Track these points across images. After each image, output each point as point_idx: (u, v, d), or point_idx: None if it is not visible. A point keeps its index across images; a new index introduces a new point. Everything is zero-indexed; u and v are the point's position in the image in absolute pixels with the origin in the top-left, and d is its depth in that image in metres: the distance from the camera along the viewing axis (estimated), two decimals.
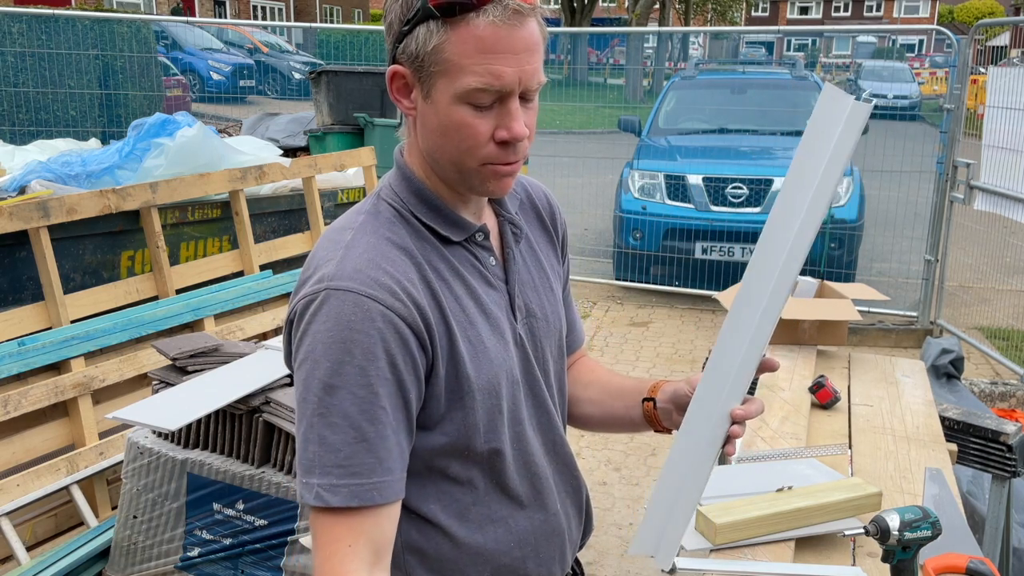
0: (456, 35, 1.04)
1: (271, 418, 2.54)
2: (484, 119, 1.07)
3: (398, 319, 1.06)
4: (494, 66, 1.04)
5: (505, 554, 1.22)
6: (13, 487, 2.97)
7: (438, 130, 1.09)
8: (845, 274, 6.39)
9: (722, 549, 1.73)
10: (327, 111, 7.25)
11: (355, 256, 1.08)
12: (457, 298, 1.14)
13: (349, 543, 1.04)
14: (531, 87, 1.08)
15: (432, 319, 1.10)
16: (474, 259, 1.18)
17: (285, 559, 2.55)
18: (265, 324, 4.03)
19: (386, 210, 1.16)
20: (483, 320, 1.17)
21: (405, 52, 1.08)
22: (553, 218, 1.36)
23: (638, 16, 26.62)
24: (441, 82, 1.06)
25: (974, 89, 6.64)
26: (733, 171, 6.69)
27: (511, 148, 1.09)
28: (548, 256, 1.32)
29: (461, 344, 1.12)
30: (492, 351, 1.16)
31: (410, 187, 1.16)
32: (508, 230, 1.25)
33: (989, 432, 2.53)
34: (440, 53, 1.05)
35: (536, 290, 1.27)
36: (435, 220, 1.15)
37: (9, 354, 3.06)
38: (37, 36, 8.27)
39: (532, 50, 1.06)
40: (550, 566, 1.28)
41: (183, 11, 26.20)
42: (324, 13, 38.52)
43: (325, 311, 1.05)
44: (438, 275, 1.13)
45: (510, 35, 1.04)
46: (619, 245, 7.01)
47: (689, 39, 23.35)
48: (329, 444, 1.04)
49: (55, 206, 3.44)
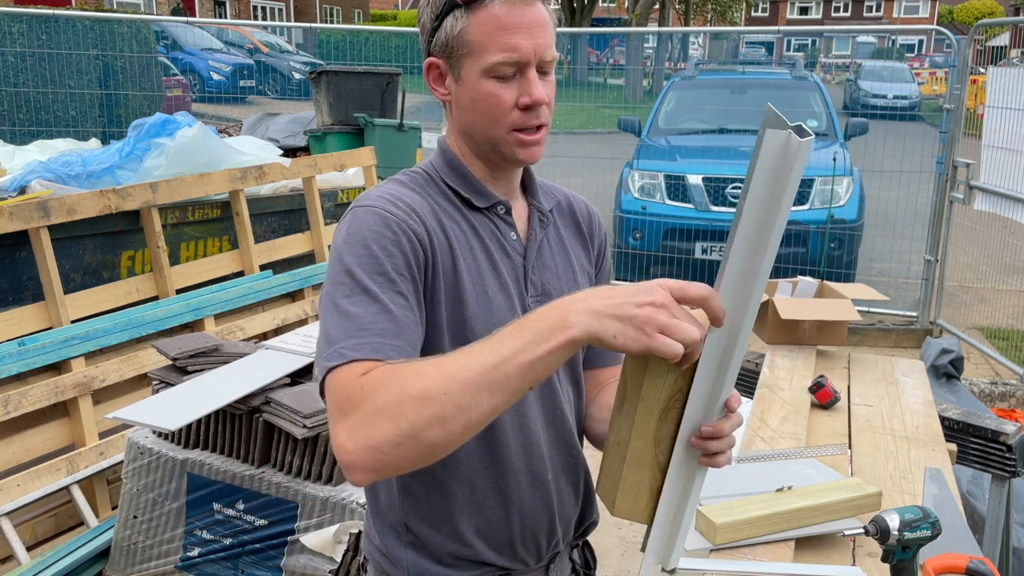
0: (476, 18, 1.20)
1: (271, 418, 2.54)
2: (508, 88, 1.21)
3: (408, 230, 1.18)
4: (512, 40, 1.19)
5: (491, 510, 1.28)
6: (13, 487, 2.97)
7: (470, 105, 1.24)
8: (845, 274, 6.39)
9: (722, 549, 1.73)
10: (327, 111, 7.25)
11: (379, 191, 1.25)
12: (470, 247, 1.25)
13: (373, 379, 1.03)
14: (546, 59, 1.22)
15: (438, 244, 1.21)
16: (494, 227, 1.29)
17: (285, 559, 2.55)
18: (265, 324, 4.03)
19: (418, 172, 1.31)
20: (492, 275, 1.26)
21: (437, 44, 1.24)
22: (591, 227, 1.45)
23: (638, 16, 26.62)
24: (468, 62, 1.22)
25: (974, 89, 6.64)
26: (733, 171, 6.69)
27: (533, 112, 1.22)
28: (578, 255, 1.40)
29: (466, 281, 1.23)
30: (495, 303, 1.25)
31: (444, 158, 1.31)
32: (536, 216, 1.34)
33: (989, 432, 2.53)
34: (465, 36, 1.20)
35: (556, 275, 1.33)
36: (461, 185, 1.29)
37: (9, 354, 3.06)
38: (37, 36, 8.27)
39: (543, 26, 1.22)
40: (536, 535, 1.32)
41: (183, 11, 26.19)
42: (324, 13, 38.53)
43: (349, 221, 1.20)
44: (453, 222, 1.26)
45: (523, 13, 1.20)
46: (619, 245, 7.01)
47: (689, 39, 23.35)
48: (352, 316, 1.11)
49: (55, 206, 3.45)
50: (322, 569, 2.48)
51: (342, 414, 1.02)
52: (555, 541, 1.35)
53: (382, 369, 1.04)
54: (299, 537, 2.50)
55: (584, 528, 1.43)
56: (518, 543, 1.30)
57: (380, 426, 0.98)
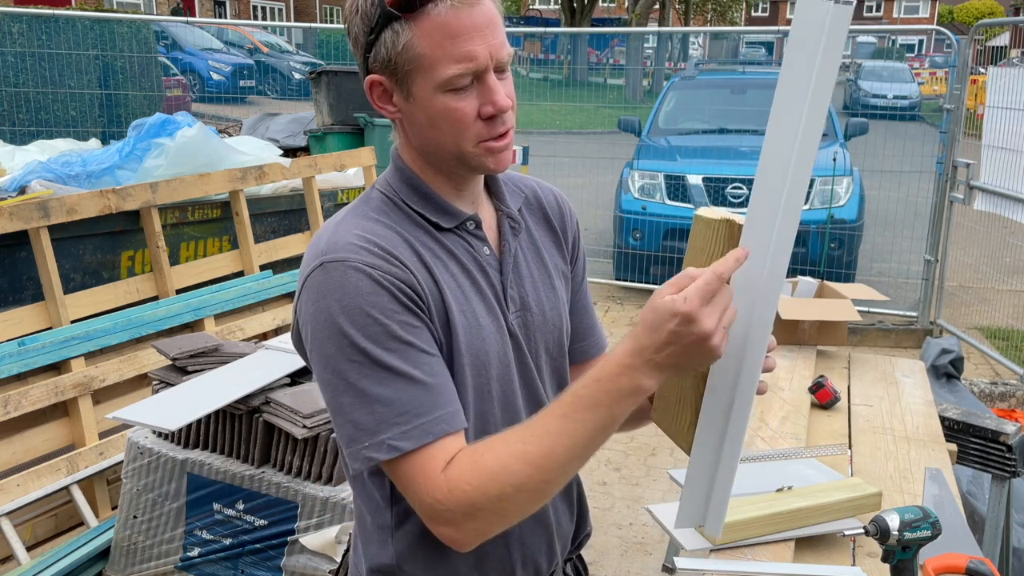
0: (420, 29, 1.07)
1: (271, 418, 2.54)
2: (467, 100, 1.10)
3: (397, 280, 1.09)
4: (465, 48, 1.07)
5: (489, 540, 1.21)
6: (13, 487, 2.97)
7: (427, 123, 1.13)
8: (845, 274, 6.39)
9: (722, 549, 1.73)
10: (327, 111, 7.26)
11: (344, 232, 1.12)
12: (452, 275, 1.17)
13: (439, 468, 1.07)
14: (502, 60, 1.11)
15: (423, 282, 1.13)
16: (468, 246, 1.20)
17: (285, 559, 2.55)
18: (265, 324, 4.03)
19: (377, 197, 1.20)
20: (478, 298, 1.19)
21: (377, 60, 1.11)
22: (562, 220, 1.36)
23: (638, 16, 26.61)
24: (419, 78, 1.10)
25: (974, 89, 6.64)
26: (733, 171, 6.69)
27: (498, 120, 1.13)
28: (552, 255, 1.32)
29: (455, 311, 1.15)
30: (486, 329, 1.18)
31: (402, 177, 1.20)
32: (506, 224, 1.25)
33: (989, 432, 2.53)
34: (410, 51, 1.08)
35: (534, 285, 1.27)
36: (425, 207, 1.18)
37: (9, 354, 3.06)
38: (37, 36, 8.27)
39: (494, 24, 1.10)
40: (536, 557, 1.28)
41: (183, 11, 26.18)
42: (324, 13, 38.51)
43: (328, 284, 1.08)
44: (431, 252, 1.16)
45: (471, 14, 1.07)
46: (619, 245, 7.01)
47: (689, 39, 23.35)
48: (385, 400, 1.06)
49: (55, 206, 3.44)
50: (322, 569, 2.47)
51: (440, 521, 1.07)
52: (555, 562, 1.33)
53: (465, 466, 1.06)
54: (299, 537, 2.50)
55: (579, 542, 1.41)
56: (519, 570, 1.27)
57: (492, 529, 1.09)
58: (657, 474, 4.13)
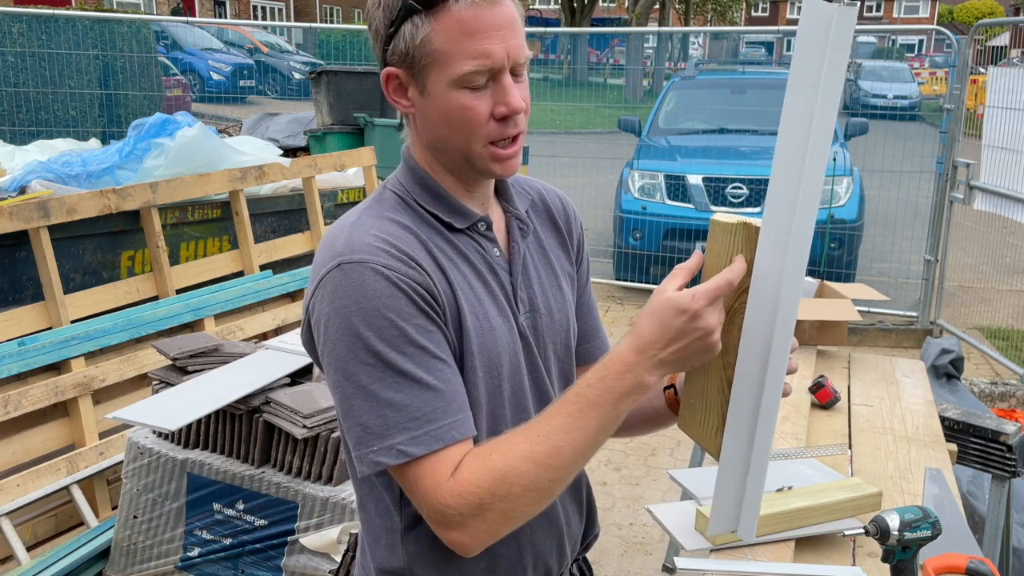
0: (439, 24, 1.07)
1: (271, 418, 2.54)
2: (481, 99, 1.11)
3: (414, 282, 1.10)
4: (482, 46, 1.08)
5: (501, 543, 1.21)
6: (13, 487, 2.97)
7: (440, 119, 1.13)
8: (845, 274, 6.39)
9: (722, 549, 1.73)
10: (327, 111, 7.26)
11: (361, 232, 1.12)
12: (465, 276, 1.17)
13: (447, 474, 1.07)
14: (519, 61, 1.11)
15: (440, 288, 1.13)
16: (478, 247, 1.21)
17: (285, 559, 2.55)
18: (265, 324, 4.03)
19: (390, 197, 1.20)
20: (489, 300, 1.19)
21: (395, 53, 1.12)
22: (568, 223, 1.37)
23: (638, 16, 26.62)
24: (434, 73, 1.10)
25: (974, 89, 6.64)
26: (733, 171, 6.69)
27: (511, 121, 1.13)
28: (559, 257, 1.33)
29: (467, 312, 1.15)
30: (498, 331, 1.18)
31: (414, 177, 1.20)
32: (515, 225, 1.26)
33: (989, 432, 2.53)
34: (428, 45, 1.09)
35: (542, 286, 1.27)
36: (438, 207, 1.18)
37: (9, 354, 3.06)
38: (37, 36, 8.27)
39: (514, 26, 1.10)
40: (547, 558, 1.28)
41: (183, 11, 26.19)
42: (324, 13, 38.51)
43: (346, 285, 1.08)
44: (444, 254, 1.16)
45: (491, 13, 1.08)
46: (619, 245, 7.01)
47: (689, 39, 23.36)
48: (396, 404, 1.06)
49: (55, 206, 3.44)
50: (322, 569, 2.47)
51: (448, 525, 1.07)
52: (565, 563, 1.33)
53: (472, 468, 1.06)
54: (299, 537, 2.50)
55: (588, 543, 1.41)
56: (530, 572, 1.27)
57: (500, 531, 1.09)
58: (657, 474, 4.13)
